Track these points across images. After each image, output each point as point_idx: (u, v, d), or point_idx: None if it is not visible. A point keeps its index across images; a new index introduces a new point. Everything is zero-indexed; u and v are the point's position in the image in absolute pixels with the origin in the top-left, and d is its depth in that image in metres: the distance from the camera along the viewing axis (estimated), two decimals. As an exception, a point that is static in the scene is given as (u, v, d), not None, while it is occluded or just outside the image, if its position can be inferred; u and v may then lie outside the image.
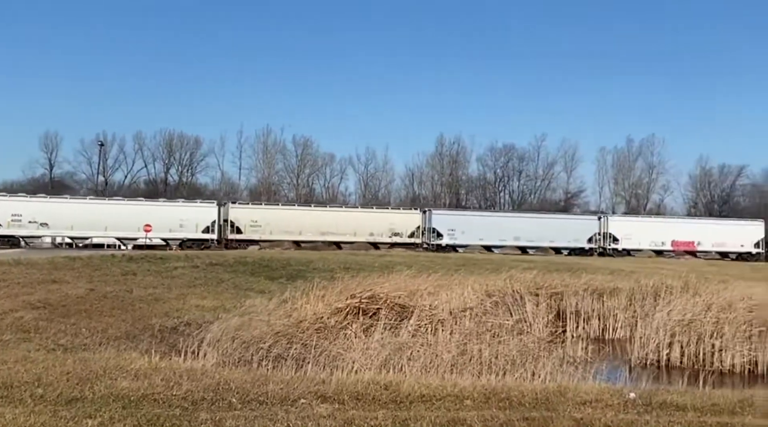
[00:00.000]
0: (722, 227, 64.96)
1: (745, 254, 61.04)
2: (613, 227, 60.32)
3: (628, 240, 59.91)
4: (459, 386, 10.51)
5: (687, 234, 61.55)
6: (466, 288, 22.85)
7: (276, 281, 26.72)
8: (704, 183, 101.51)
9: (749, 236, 62.61)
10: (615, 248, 59.20)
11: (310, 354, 13.79)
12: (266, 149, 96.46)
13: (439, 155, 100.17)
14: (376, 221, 57.08)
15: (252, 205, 58.13)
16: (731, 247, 61.75)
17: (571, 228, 59.90)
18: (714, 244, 61.64)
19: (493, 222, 59.72)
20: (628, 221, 64.10)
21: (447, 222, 57.74)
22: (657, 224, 64.10)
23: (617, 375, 16.11)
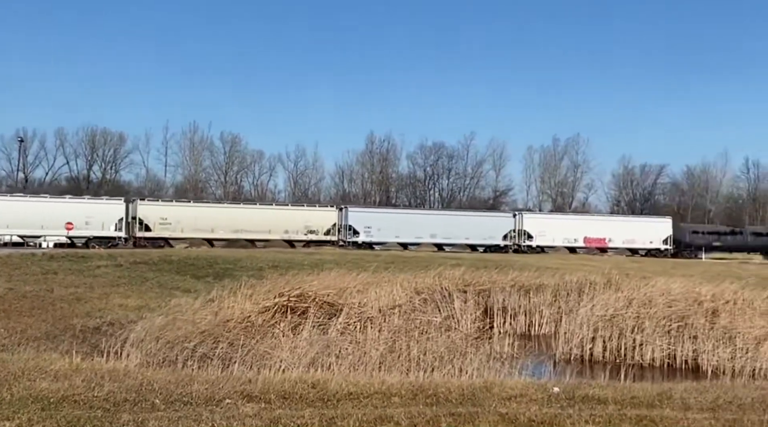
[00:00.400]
0: (632, 224, 66.60)
1: (654, 251, 62.58)
2: (527, 224, 61.14)
3: (542, 237, 60.86)
4: (387, 383, 10.52)
5: (599, 231, 62.83)
6: (395, 286, 22.91)
7: (202, 280, 26.37)
8: (626, 182, 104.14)
9: (658, 233, 64.12)
10: (529, 245, 60.01)
11: (237, 353, 13.63)
12: (193, 146, 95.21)
13: (369, 153, 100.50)
14: (292, 218, 56.51)
15: (162, 202, 56.78)
16: (641, 243, 63.11)
17: (487, 225, 60.41)
18: (624, 241, 62.96)
19: (409, 219, 60.00)
20: (542, 219, 65.26)
21: (363, 219, 57.68)
22: (570, 222, 65.36)
23: (542, 370, 16.36)
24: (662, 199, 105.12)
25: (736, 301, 20.99)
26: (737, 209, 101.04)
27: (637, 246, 62.94)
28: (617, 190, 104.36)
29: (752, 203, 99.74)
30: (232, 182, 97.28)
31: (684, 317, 18.80)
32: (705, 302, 20.08)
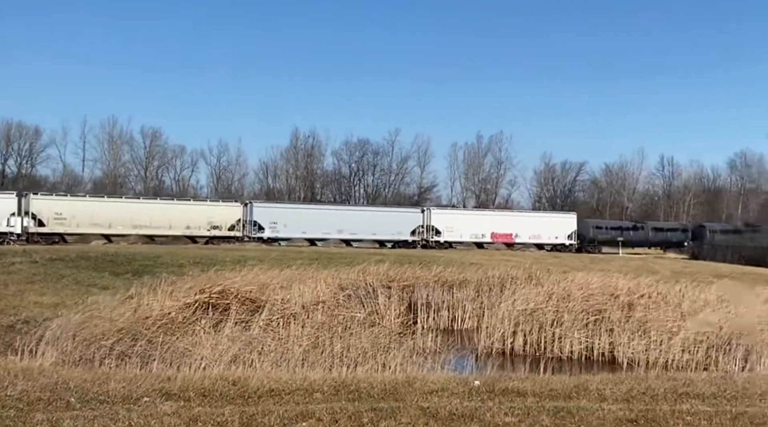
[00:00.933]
0: (538, 219, 67.37)
1: (559, 245, 63.34)
2: (435, 219, 61.16)
3: (450, 232, 60.94)
4: (309, 379, 10.50)
5: (505, 226, 63.29)
6: (319, 282, 22.83)
7: (121, 277, 25.82)
8: (548, 178, 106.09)
9: (563, 228, 64.90)
10: (437, 240, 60.06)
11: (156, 351, 13.42)
12: (112, 140, 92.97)
13: (293, 149, 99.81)
14: (194, 213, 55.02)
15: (56, 196, 54.45)
16: (546, 239, 63.80)
17: (395, 221, 60.25)
18: (531, 236, 63.61)
19: (316, 215, 59.40)
20: (450, 214, 65.50)
21: (269, 215, 56.75)
22: (477, 217, 65.84)
23: (464, 364, 16.57)
24: (582, 196, 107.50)
25: (650, 295, 21.60)
26: (653, 205, 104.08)
27: (542, 241, 63.69)
28: (539, 187, 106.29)
29: (667, 200, 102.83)
30: (153, 177, 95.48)
31: (601, 310, 19.28)
32: (621, 295, 20.60)
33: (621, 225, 71.15)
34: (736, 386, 10.88)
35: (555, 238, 63.95)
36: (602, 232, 67.92)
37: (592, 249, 64.36)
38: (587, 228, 66.65)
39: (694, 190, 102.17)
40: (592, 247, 65.04)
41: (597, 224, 70.58)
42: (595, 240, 66.01)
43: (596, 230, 67.40)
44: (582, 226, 66.33)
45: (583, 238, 65.38)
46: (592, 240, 65.85)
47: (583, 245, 64.79)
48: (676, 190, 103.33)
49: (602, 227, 69.65)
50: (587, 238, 65.72)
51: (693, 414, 9.00)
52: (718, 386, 10.78)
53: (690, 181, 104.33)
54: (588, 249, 64.05)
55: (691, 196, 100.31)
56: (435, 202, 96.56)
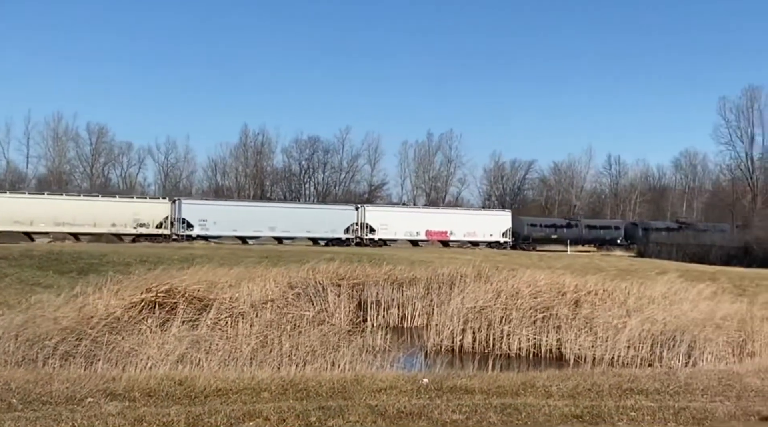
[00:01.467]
0: (473, 217, 67.50)
1: (494, 243, 63.61)
2: (369, 217, 60.79)
3: (384, 230, 60.71)
4: (257, 378, 10.41)
5: (440, 224, 63.33)
6: (268, 280, 22.72)
7: (66, 276, 25.33)
8: (497, 177, 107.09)
9: (498, 225, 65.23)
10: (372, 238, 59.72)
11: (102, 351, 13.17)
12: (57, 137, 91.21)
13: (243, 146, 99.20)
14: (119, 210, 53.49)
15: None
16: (481, 236, 64.03)
17: (329, 218, 59.83)
18: (466, 234, 63.75)
19: (248, 212, 58.46)
20: (385, 211, 65.11)
21: (198, 212, 55.71)
22: (412, 214, 65.79)
23: (414, 362, 16.61)
24: (531, 194, 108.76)
25: (597, 292, 21.93)
26: (600, 204, 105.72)
27: (477, 239, 63.85)
28: (488, 185, 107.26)
29: (614, 198, 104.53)
30: (99, 175, 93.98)
31: (549, 307, 19.50)
32: (568, 292, 20.88)
33: (555, 222, 71.92)
34: (679, 381, 11.09)
35: (490, 235, 64.19)
36: (537, 229, 68.58)
37: (526, 246, 64.65)
38: (522, 225, 67.12)
39: (640, 188, 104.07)
40: (527, 244, 65.43)
41: (531, 221, 71.16)
42: (530, 237, 66.51)
43: (531, 228, 67.99)
44: (517, 223, 66.76)
45: (518, 235, 65.78)
46: (526, 237, 66.34)
47: (518, 242, 65.10)
48: (622, 189, 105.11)
49: (536, 224, 70.29)
50: (522, 235, 66.15)
51: (637, 409, 9.14)
52: (661, 382, 10.97)
53: (636, 180, 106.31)
54: (522, 246, 64.32)
55: (637, 195, 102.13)
56: (385, 201, 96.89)
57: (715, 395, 10.19)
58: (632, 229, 71.76)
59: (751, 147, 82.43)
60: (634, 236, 69.95)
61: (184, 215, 54.78)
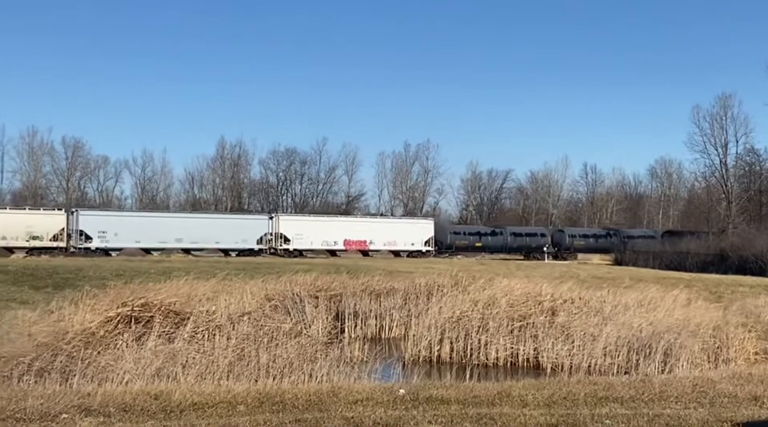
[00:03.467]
0: (394, 225, 66.33)
1: (416, 252, 62.37)
2: (283, 226, 59.46)
3: (299, 240, 59.38)
4: (233, 392, 10.39)
5: (359, 233, 62.10)
6: (245, 293, 22.63)
7: (41, 291, 25.12)
8: (474, 186, 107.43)
9: (419, 234, 64.03)
10: (286, 248, 58.47)
11: (77, 367, 13.09)
12: (32, 151, 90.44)
13: (220, 158, 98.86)
14: (10, 222, 50.85)
15: None
16: (402, 245, 62.73)
17: (240, 228, 58.14)
18: (386, 243, 62.50)
19: (152, 222, 56.23)
20: (299, 221, 63.56)
21: (97, 223, 53.56)
22: (329, 223, 63.98)
23: (391, 373, 16.63)
24: (509, 203, 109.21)
25: (573, 300, 22.05)
26: (577, 212, 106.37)
27: (398, 248, 62.60)
28: (466, 195, 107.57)
29: (590, 206, 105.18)
30: (75, 189, 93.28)
31: (525, 316, 19.58)
32: (545, 301, 20.98)
33: (479, 231, 70.51)
34: (653, 388, 11.19)
35: (411, 244, 63.09)
36: (460, 237, 67.24)
37: (449, 255, 63.18)
38: (445, 234, 65.92)
39: (617, 196, 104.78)
40: (450, 253, 64.09)
41: (455, 229, 70.19)
42: (453, 246, 65.24)
43: (454, 236, 66.68)
44: (439, 231, 65.57)
45: (441, 244, 64.62)
46: (449, 246, 65.06)
47: (441, 250, 63.94)
48: (599, 197, 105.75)
49: (460, 232, 69.09)
50: (445, 244, 64.93)
51: (612, 417, 9.21)
52: (636, 389, 11.06)
53: (612, 188, 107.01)
54: (445, 255, 62.89)
55: (614, 203, 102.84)
56: (363, 211, 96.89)
57: (689, 402, 10.29)
58: (559, 236, 70.98)
59: (725, 155, 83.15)
60: (561, 243, 69.53)
61: (82, 226, 52.63)
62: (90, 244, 52.31)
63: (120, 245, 53.25)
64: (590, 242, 70.04)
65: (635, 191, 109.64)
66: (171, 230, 55.01)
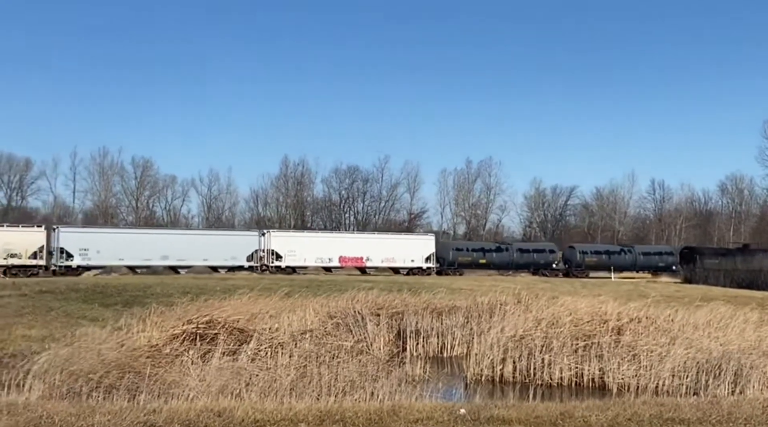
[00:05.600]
0: (392, 241, 64.37)
1: (416, 269, 60.46)
2: (275, 243, 57.82)
3: (292, 257, 57.71)
4: (294, 409, 10.48)
5: (355, 250, 60.44)
6: (307, 310, 22.81)
7: (111, 308, 25.73)
8: (538, 203, 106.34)
9: (420, 250, 62.08)
10: (278, 265, 56.87)
11: (144, 383, 13.36)
12: (102, 171, 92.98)
13: (283, 177, 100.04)
14: None
15: None
16: (401, 262, 60.76)
17: (230, 245, 56.55)
18: (384, 259, 60.59)
19: (136, 240, 54.86)
20: (292, 237, 61.80)
21: (79, 240, 51.86)
22: (323, 240, 62.59)
23: (453, 392, 16.53)
24: (573, 221, 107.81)
25: (640, 319, 21.60)
26: (644, 229, 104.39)
27: (397, 265, 60.69)
28: (529, 212, 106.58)
29: (658, 223, 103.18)
30: (144, 208, 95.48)
31: (590, 335, 19.25)
32: (610, 320, 20.60)
33: (484, 247, 68.47)
34: (722, 410, 10.91)
35: (411, 261, 61.10)
36: (463, 254, 65.21)
37: (452, 272, 61.56)
38: (447, 250, 64.15)
39: (686, 213, 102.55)
40: (453, 270, 62.25)
41: (457, 245, 68.18)
42: (455, 263, 63.36)
43: (456, 252, 64.69)
44: (441, 248, 63.93)
45: (443, 261, 62.82)
46: (452, 263, 63.20)
47: (443, 268, 62.23)
48: (667, 214, 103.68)
49: (463, 248, 67.00)
50: (447, 261, 63.06)
51: (677, 439, 9.01)
52: (704, 411, 10.80)
53: (681, 205, 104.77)
54: (448, 272, 61.31)
55: (683, 220, 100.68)
56: (426, 228, 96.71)
57: (759, 424, 10.01)
58: (570, 253, 68.65)
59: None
60: (572, 260, 67.33)
61: (63, 244, 51.18)
62: (71, 262, 50.96)
63: (102, 262, 52.08)
64: (603, 259, 67.72)
65: (705, 208, 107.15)
66: (156, 247, 53.69)
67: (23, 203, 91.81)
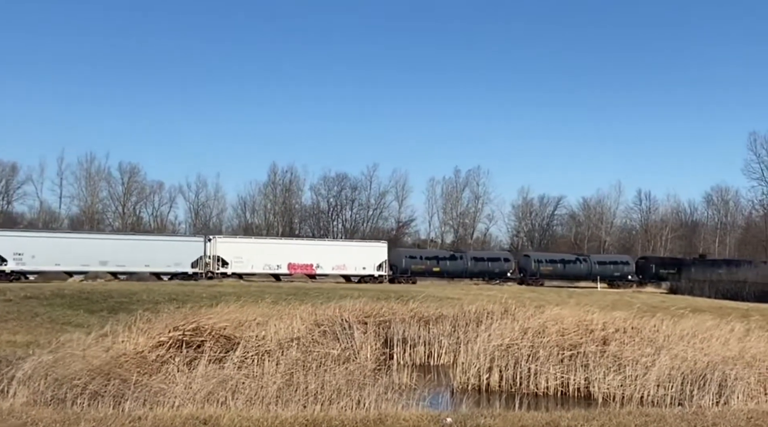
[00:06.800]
0: (344, 248, 63.73)
1: (368, 277, 59.66)
2: (221, 249, 56.68)
3: (239, 263, 56.72)
4: (281, 417, 10.48)
5: (305, 257, 59.60)
6: (295, 318, 22.77)
7: (96, 314, 25.64)
8: (526, 213, 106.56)
9: (371, 258, 61.30)
10: (224, 272, 55.86)
11: (130, 390, 13.30)
12: (89, 176, 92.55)
13: (272, 184, 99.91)
14: None
15: None
16: (352, 269, 60.11)
17: (173, 251, 55.08)
18: (335, 267, 59.79)
19: (74, 244, 52.86)
20: (239, 243, 60.81)
21: (12, 244, 50.03)
22: (271, 246, 61.32)
23: (439, 401, 16.54)
24: (560, 230, 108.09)
25: (625, 329, 21.68)
26: (631, 239, 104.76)
27: (348, 272, 60.09)
28: (517, 221, 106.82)
29: (644, 233, 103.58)
30: (131, 214, 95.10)
31: (576, 345, 19.30)
32: (596, 330, 20.67)
33: (437, 254, 68.13)
34: (706, 421, 10.98)
35: (363, 268, 60.38)
36: (417, 261, 64.69)
37: (405, 280, 60.93)
38: (400, 258, 63.61)
39: (671, 224, 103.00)
40: (406, 278, 61.67)
41: (410, 253, 67.63)
42: (409, 270, 62.90)
43: (410, 260, 64.15)
44: (394, 256, 63.43)
45: (396, 268, 62.42)
46: (405, 271, 62.66)
47: (396, 275, 61.69)
48: (653, 224, 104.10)
49: (416, 256, 66.55)
50: (400, 268, 62.62)
51: (662, 450, 9.05)
52: (688, 422, 10.87)
53: (667, 215, 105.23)
54: (401, 280, 60.65)
55: (669, 230, 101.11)
56: (413, 237, 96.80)
57: (744, 435, 10.07)
58: (525, 261, 68.49)
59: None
60: (527, 269, 67.05)
61: None
62: (4, 267, 49.31)
63: (38, 267, 50.44)
64: (558, 268, 67.51)
65: (690, 219, 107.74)
66: (95, 252, 51.95)
67: (9, 208, 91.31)
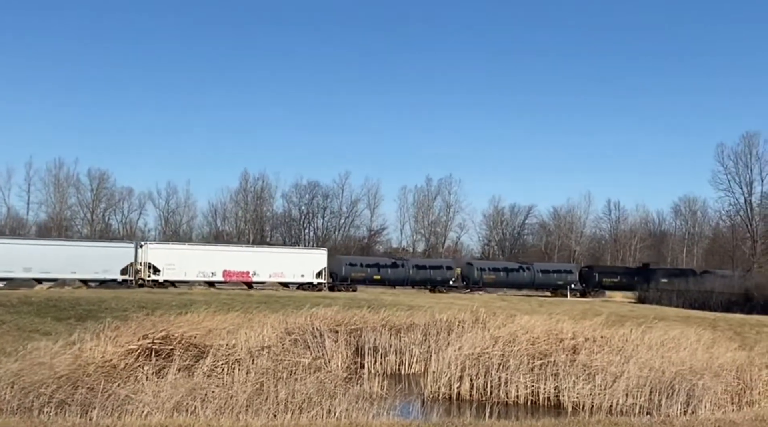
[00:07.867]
0: (282, 256, 62.45)
1: (306, 285, 58.58)
2: (152, 255, 54.68)
3: (171, 270, 54.89)
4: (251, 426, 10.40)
5: (241, 264, 58.04)
6: (265, 326, 22.67)
7: (64, 322, 25.30)
8: (497, 222, 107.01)
9: (310, 265, 60.19)
10: (156, 280, 53.87)
11: (97, 399, 13.15)
12: (57, 183, 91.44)
13: (243, 191, 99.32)
14: None
15: None
16: (290, 277, 58.82)
17: (101, 257, 52.90)
18: (272, 274, 58.55)
19: None
20: (171, 249, 58.73)
21: None
22: (206, 253, 59.59)
23: (410, 410, 16.53)
24: (531, 239, 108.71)
25: (595, 338, 21.86)
26: (600, 249, 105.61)
27: (286, 280, 58.74)
28: (488, 230, 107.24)
29: (614, 243, 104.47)
30: (99, 220, 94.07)
31: (546, 354, 19.42)
32: (566, 339, 20.81)
33: (378, 262, 67.07)
34: (674, 430, 11.06)
35: (301, 276, 59.13)
36: (357, 269, 63.44)
37: (345, 288, 59.78)
38: (340, 265, 62.68)
39: (640, 234, 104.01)
40: (346, 286, 60.55)
41: (351, 260, 66.28)
42: (349, 278, 61.86)
43: (350, 267, 63.00)
44: (334, 263, 62.70)
45: (336, 276, 61.68)
46: (345, 278, 61.62)
47: (335, 283, 60.86)
48: (622, 234, 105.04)
49: (357, 263, 65.29)
50: (340, 276, 61.73)
51: (631, 459, 9.11)
52: (657, 431, 10.94)
53: (636, 225, 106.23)
54: (340, 288, 59.74)
55: (637, 240, 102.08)
56: (385, 246, 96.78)
57: (711, 444, 10.16)
58: (468, 269, 67.85)
59: (750, 194, 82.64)
60: (469, 277, 66.48)
61: None
62: None
63: None
64: (501, 276, 67.02)
65: (659, 229, 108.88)
66: (17, 258, 49.69)
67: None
